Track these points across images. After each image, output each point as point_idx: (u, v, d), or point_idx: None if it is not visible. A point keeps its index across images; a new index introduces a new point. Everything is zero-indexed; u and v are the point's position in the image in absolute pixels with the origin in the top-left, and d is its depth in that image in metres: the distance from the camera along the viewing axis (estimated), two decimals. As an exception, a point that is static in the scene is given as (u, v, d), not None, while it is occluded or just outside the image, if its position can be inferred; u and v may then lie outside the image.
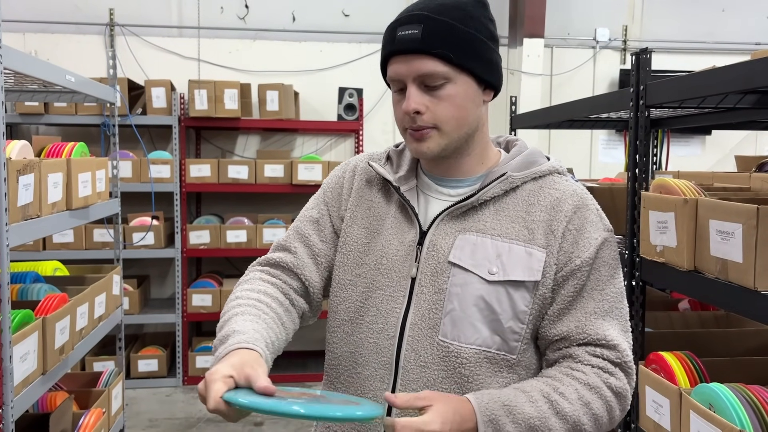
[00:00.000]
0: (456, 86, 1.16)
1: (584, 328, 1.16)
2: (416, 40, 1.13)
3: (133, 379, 4.68)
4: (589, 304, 1.17)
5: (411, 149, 1.22)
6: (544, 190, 1.21)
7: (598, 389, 1.14)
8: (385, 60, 1.21)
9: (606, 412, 1.15)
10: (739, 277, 1.56)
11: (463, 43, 1.14)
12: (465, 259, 1.17)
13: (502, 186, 1.20)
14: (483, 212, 1.20)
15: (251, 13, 5.19)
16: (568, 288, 1.17)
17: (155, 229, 4.63)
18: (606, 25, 5.45)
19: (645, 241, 1.98)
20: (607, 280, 1.19)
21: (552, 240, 1.17)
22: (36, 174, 2.18)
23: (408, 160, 1.31)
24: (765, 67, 1.49)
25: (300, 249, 1.31)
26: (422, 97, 1.16)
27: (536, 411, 1.09)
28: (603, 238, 1.19)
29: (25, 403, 2.13)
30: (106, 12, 5.00)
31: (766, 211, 1.49)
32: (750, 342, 2.24)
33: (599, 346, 1.16)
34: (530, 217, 1.18)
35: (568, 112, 2.68)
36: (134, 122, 4.49)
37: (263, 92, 4.77)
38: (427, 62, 1.14)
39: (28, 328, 2.14)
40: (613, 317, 1.18)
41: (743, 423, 1.57)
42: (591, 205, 1.22)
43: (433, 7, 1.15)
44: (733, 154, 3.78)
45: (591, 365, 1.16)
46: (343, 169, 1.36)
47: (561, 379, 1.14)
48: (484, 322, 1.15)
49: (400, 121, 1.21)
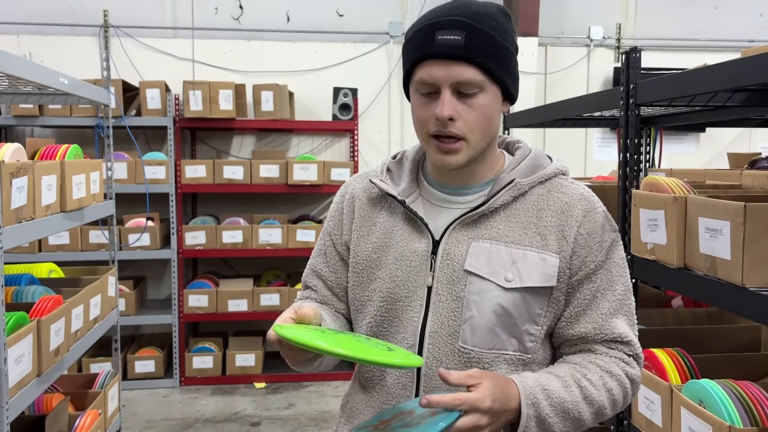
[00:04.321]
0: (487, 96, 1.17)
1: (601, 328, 1.21)
2: (459, 46, 1.13)
3: (130, 380, 4.68)
4: (603, 304, 1.22)
5: (434, 159, 1.22)
6: (552, 194, 1.24)
7: (618, 377, 1.21)
8: (417, 61, 1.18)
9: (622, 398, 1.22)
10: (728, 274, 1.57)
11: (499, 55, 1.16)
12: (481, 267, 1.19)
13: (511, 193, 1.22)
14: (495, 219, 1.22)
15: (245, 14, 5.20)
16: (584, 291, 1.21)
17: (151, 230, 4.63)
18: (600, 23, 5.47)
19: (636, 239, 1.99)
20: (618, 279, 1.24)
21: (564, 245, 1.20)
22: (29, 176, 2.19)
23: (408, 171, 1.31)
24: (752, 65, 1.50)
25: (318, 284, 1.38)
26: (456, 103, 1.16)
27: (570, 395, 1.15)
28: (612, 240, 1.24)
29: (21, 405, 2.13)
30: (100, 13, 5.00)
31: (753, 208, 1.50)
32: (741, 338, 2.26)
33: (615, 342, 1.22)
34: (542, 222, 1.21)
35: (560, 111, 2.69)
36: (129, 123, 4.50)
37: (258, 93, 4.78)
38: (466, 70, 1.14)
39: (23, 330, 2.15)
40: (623, 314, 1.24)
41: (732, 418, 1.58)
42: (599, 207, 1.25)
43: (472, 15, 1.15)
44: (726, 152, 3.80)
45: (611, 356, 1.22)
46: (341, 195, 1.38)
47: (587, 366, 1.20)
48: (502, 327, 1.19)
49: (424, 124, 1.19)
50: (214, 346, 4.88)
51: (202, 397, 4.61)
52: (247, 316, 4.75)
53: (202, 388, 4.76)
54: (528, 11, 5.07)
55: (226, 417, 4.25)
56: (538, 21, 5.12)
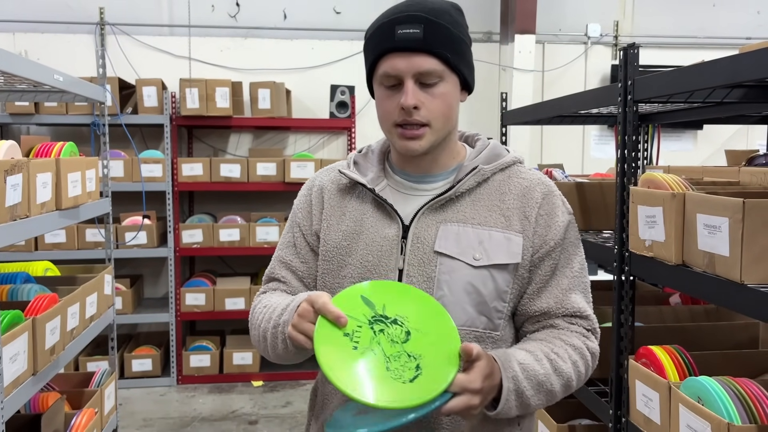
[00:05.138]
0: (447, 85, 1.25)
1: (562, 302, 1.30)
2: (418, 39, 1.21)
3: (127, 378, 4.67)
4: (563, 281, 1.31)
5: (399, 146, 1.28)
6: (512, 179, 1.33)
7: (581, 350, 1.29)
8: (380, 56, 1.24)
9: (585, 370, 1.30)
10: (726, 270, 1.56)
11: (456, 46, 1.24)
12: (450, 247, 1.26)
13: (475, 178, 1.30)
14: (461, 203, 1.29)
15: (242, 12, 5.18)
16: (545, 268, 1.30)
17: (148, 229, 4.62)
18: (597, 20, 5.46)
19: (634, 236, 1.98)
20: (574, 257, 1.33)
21: (527, 225, 1.29)
22: (24, 174, 2.18)
23: (375, 162, 1.38)
24: (750, 61, 1.49)
25: (288, 276, 1.40)
26: (418, 93, 1.23)
27: (542, 368, 1.22)
28: (568, 221, 1.33)
29: (16, 403, 2.12)
30: (97, 11, 4.99)
31: (752, 204, 1.49)
32: (739, 335, 2.25)
33: (575, 316, 1.31)
34: (504, 205, 1.30)
35: (557, 108, 2.68)
36: (126, 121, 4.48)
37: (255, 90, 4.76)
38: (427, 60, 1.22)
39: (18, 328, 2.14)
40: (580, 290, 1.33)
41: (731, 416, 1.58)
42: (555, 191, 1.35)
43: (428, 10, 1.23)
44: (724, 149, 3.80)
45: (572, 331, 1.31)
46: (309, 188, 1.43)
47: (553, 342, 1.28)
48: (472, 304, 1.25)
49: (389, 115, 1.26)
50: (212, 344, 4.87)
51: (199, 395, 4.60)
52: (244, 315, 4.73)
53: (199, 386, 4.75)
54: (525, 8, 5.05)
55: (224, 415, 4.25)
56: (536, 18, 5.11)
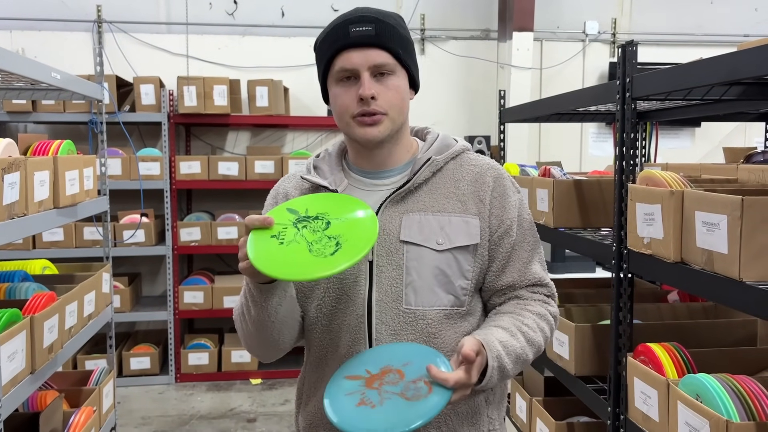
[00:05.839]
0: (399, 78, 1.35)
1: (524, 274, 1.41)
2: (371, 35, 1.31)
3: (125, 377, 4.67)
4: (522, 254, 1.41)
5: (359, 134, 1.35)
6: (464, 167, 1.42)
7: (545, 317, 1.40)
8: (335, 53, 1.33)
9: (550, 333, 1.42)
10: (725, 268, 1.56)
11: (404, 44, 1.36)
12: (414, 236, 1.35)
13: (430, 169, 1.39)
14: (419, 194, 1.38)
15: (240, 9, 5.17)
16: (505, 245, 1.39)
17: (146, 227, 4.61)
18: (595, 18, 5.46)
19: (632, 233, 1.98)
20: (528, 232, 1.43)
21: (482, 207, 1.38)
22: (22, 172, 2.17)
23: (334, 164, 1.45)
24: (749, 58, 1.49)
25: None
26: (374, 84, 1.32)
27: (518, 343, 1.32)
28: (519, 199, 1.43)
29: (14, 402, 2.12)
30: (94, 9, 4.98)
31: (750, 202, 1.49)
32: (737, 332, 2.25)
33: (536, 285, 1.43)
34: (459, 191, 1.39)
35: (556, 105, 2.68)
36: (123, 119, 4.47)
37: (253, 88, 4.76)
38: (380, 54, 1.32)
39: (16, 327, 2.13)
40: (537, 261, 1.44)
41: (729, 413, 1.58)
42: (504, 174, 1.44)
43: (377, 12, 1.35)
44: (722, 146, 3.80)
45: (535, 300, 1.42)
46: (275, 196, 1.49)
47: (522, 314, 1.38)
48: (440, 285, 1.35)
49: (347, 109, 1.34)
50: (210, 342, 4.87)
51: (197, 393, 4.60)
52: (242, 313, 4.73)
53: (197, 384, 4.75)
54: (523, 6, 5.05)
55: (222, 413, 4.25)
56: (534, 16, 5.10)
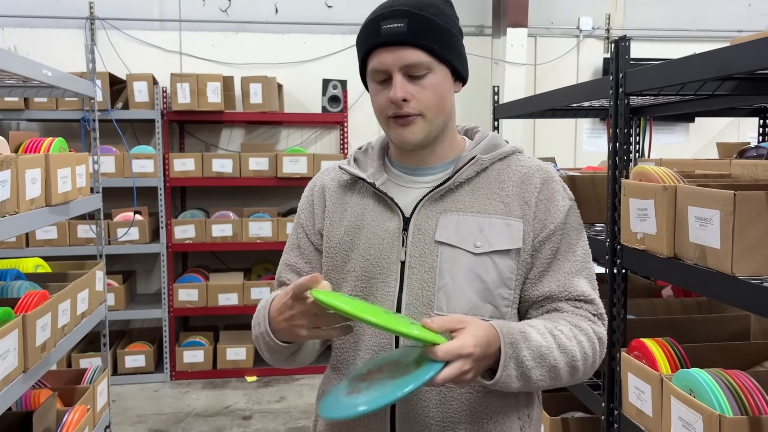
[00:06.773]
0: (437, 76, 1.25)
1: (565, 286, 1.28)
2: (402, 32, 1.22)
3: (120, 375, 4.66)
4: (565, 264, 1.29)
5: (395, 137, 1.29)
6: (511, 167, 1.32)
7: (586, 332, 1.26)
8: (368, 52, 1.27)
9: (592, 353, 1.26)
10: (717, 263, 1.56)
11: (442, 37, 1.25)
12: (450, 236, 1.26)
13: (473, 168, 1.30)
14: (460, 193, 1.29)
15: (233, 6, 5.16)
16: (545, 252, 1.28)
17: (140, 225, 4.60)
18: (589, 13, 5.46)
19: (626, 229, 1.98)
20: (576, 242, 1.31)
21: (527, 210, 1.28)
22: (13, 170, 2.16)
23: (375, 158, 1.39)
24: (741, 53, 1.49)
25: (293, 278, 1.39)
26: (407, 86, 1.24)
27: (545, 341, 1.20)
28: (569, 206, 1.32)
29: (7, 401, 2.11)
30: (86, 5, 4.95)
31: (742, 197, 1.49)
32: (731, 327, 2.26)
33: (579, 300, 1.29)
34: (504, 192, 1.29)
35: (549, 101, 2.68)
36: (116, 117, 4.45)
37: (246, 85, 4.74)
38: (413, 53, 1.23)
39: (8, 325, 2.12)
40: (584, 276, 1.31)
41: (722, 407, 1.58)
42: (555, 177, 1.34)
43: (412, 4, 1.24)
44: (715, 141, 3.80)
45: (578, 315, 1.28)
46: (311, 189, 1.45)
47: (558, 321, 1.25)
48: (475, 292, 1.25)
49: (382, 110, 1.28)
50: (205, 340, 4.86)
51: (192, 391, 4.60)
52: (237, 310, 4.73)
53: (192, 382, 4.75)
54: (517, 2, 5.04)
55: (218, 411, 4.24)
56: (528, 12, 5.10)
